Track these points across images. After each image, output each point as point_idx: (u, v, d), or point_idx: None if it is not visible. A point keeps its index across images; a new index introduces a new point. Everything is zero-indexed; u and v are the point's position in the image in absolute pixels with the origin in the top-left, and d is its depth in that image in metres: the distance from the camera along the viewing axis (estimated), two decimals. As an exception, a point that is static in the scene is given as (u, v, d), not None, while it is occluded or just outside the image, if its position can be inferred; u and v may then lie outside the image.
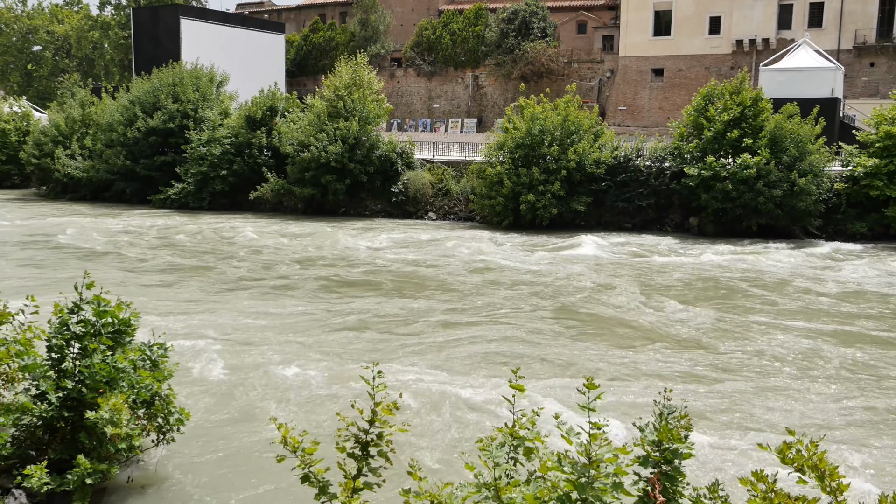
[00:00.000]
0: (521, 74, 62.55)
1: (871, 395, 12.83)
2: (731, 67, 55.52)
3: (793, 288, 21.91)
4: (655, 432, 4.14)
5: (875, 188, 31.06)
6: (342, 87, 39.99)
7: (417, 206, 38.30)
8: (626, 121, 59.83)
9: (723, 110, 32.62)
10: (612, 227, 33.89)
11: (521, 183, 33.57)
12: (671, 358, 14.73)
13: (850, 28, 52.93)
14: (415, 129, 67.98)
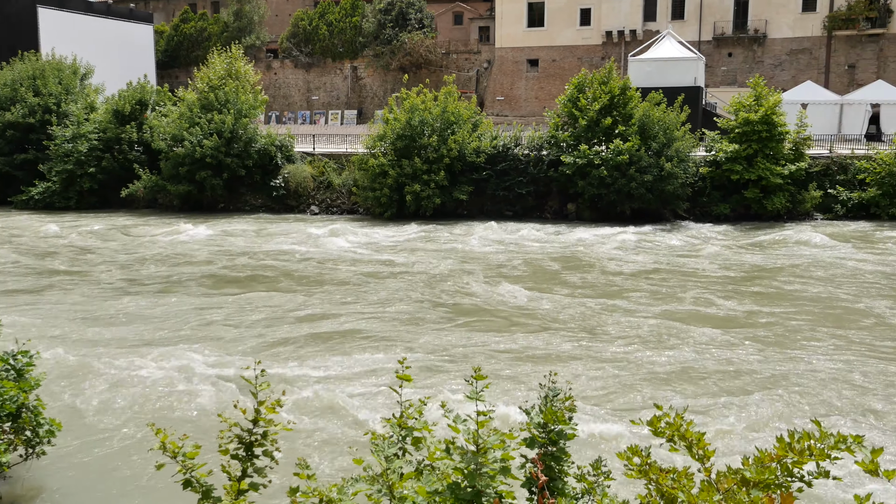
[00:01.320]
0: (400, 65, 62.56)
1: (727, 366, 13.62)
2: (602, 58, 57.41)
3: (659, 270, 22.95)
4: (541, 415, 4.23)
5: (735, 172, 32.92)
6: (216, 79, 38.78)
7: (299, 199, 37.69)
8: (504, 110, 60.90)
9: (593, 99, 33.73)
10: (494, 215, 34.46)
11: (404, 174, 33.62)
12: (553, 342, 15.14)
13: (709, 20, 55.78)
14: (294, 121, 66.80)
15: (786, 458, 3.39)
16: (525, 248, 27.00)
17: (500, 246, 27.33)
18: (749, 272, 22.53)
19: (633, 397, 12.04)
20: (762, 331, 16.03)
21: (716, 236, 29.54)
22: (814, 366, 13.70)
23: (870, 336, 15.75)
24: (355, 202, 36.53)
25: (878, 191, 32.76)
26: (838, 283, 20.95)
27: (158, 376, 12.45)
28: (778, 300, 18.94)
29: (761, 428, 10.58)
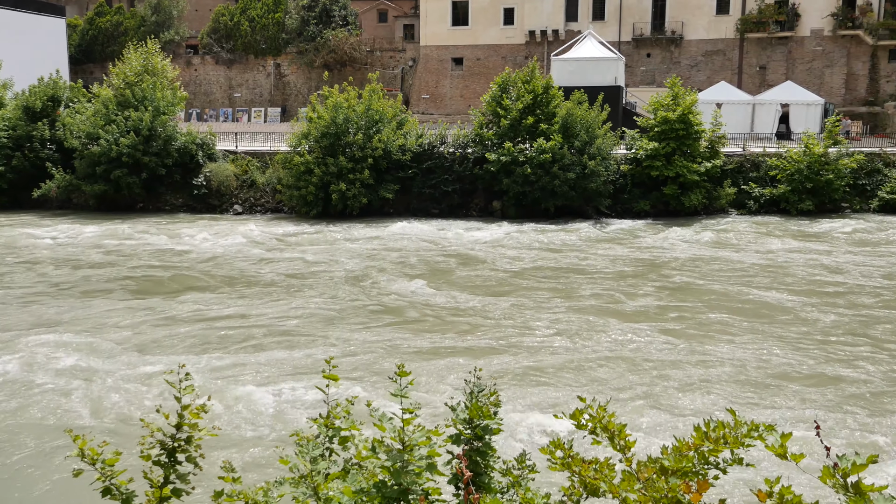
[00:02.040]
0: (325, 63, 61.96)
1: (645, 359, 14.02)
2: (526, 57, 58.08)
3: (580, 266, 23.41)
4: (466, 411, 4.28)
5: (655, 169, 33.84)
6: (132, 75, 37.65)
7: (221, 199, 36.93)
8: (429, 109, 61.00)
9: (516, 98, 34.13)
10: (421, 213, 34.52)
11: (329, 172, 33.35)
12: (478, 338, 15.28)
13: (628, 21, 57.07)
14: (215, 119, 65.38)
15: (702, 447, 3.52)
16: (449, 246, 27.13)
17: (424, 244, 27.40)
18: (664, 267, 23.18)
19: (557, 391, 12.26)
20: (676, 324, 16.54)
21: (636, 232, 30.29)
22: (727, 356, 14.21)
23: (778, 327, 16.43)
24: (280, 201, 36.03)
25: (787, 187, 34.15)
26: (744, 276, 21.77)
27: (77, 382, 12.05)
28: (689, 293, 19.56)
29: (680, 418, 10.94)
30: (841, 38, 52.83)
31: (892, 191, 34.63)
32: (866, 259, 24.35)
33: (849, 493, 2.92)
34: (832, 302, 18.70)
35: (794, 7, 53.62)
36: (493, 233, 29.76)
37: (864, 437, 10.75)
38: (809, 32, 53.52)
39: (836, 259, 24.32)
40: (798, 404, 11.87)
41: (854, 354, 14.55)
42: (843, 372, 13.54)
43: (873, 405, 11.97)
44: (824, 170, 33.76)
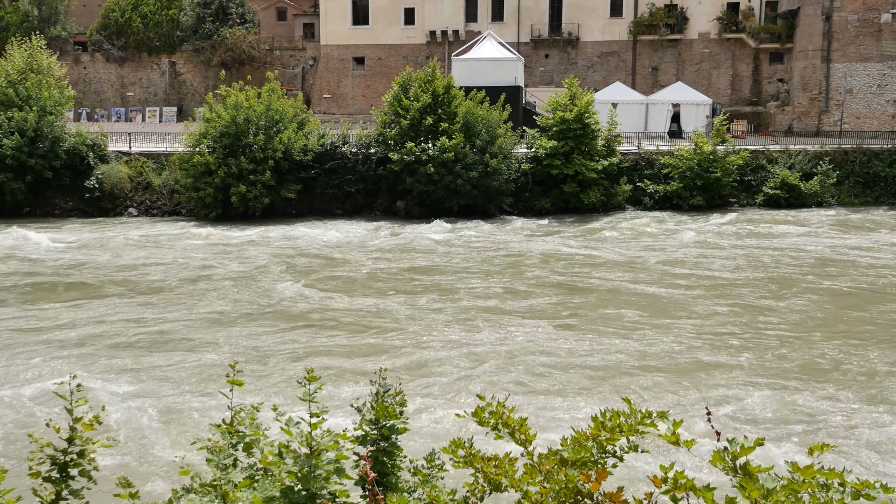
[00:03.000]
0: (222, 61, 60.47)
1: (542, 353, 14.37)
2: (427, 57, 58.26)
3: (483, 264, 23.73)
4: (372, 411, 4.28)
5: (555, 167, 34.61)
6: (15, 73, 35.76)
7: (115, 202, 35.52)
8: (331, 108, 60.44)
9: (415, 98, 34.24)
10: (324, 213, 34.17)
11: (230, 173, 32.60)
12: (383, 339, 15.27)
13: (527, 22, 58.10)
14: (107, 119, 62.78)
15: (600, 436, 3.64)
16: (349, 246, 26.98)
17: (325, 245, 27.14)
18: (566, 264, 23.76)
19: (461, 389, 12.40)
20: (571, 319, 16.99)
21: (535, 229, 30.88)
22: (621, 348, 14.71)
23: (669, 319, 17.10)
24: (178, 203, 34.96)
25: (679, 184, 35.56)
26: (633, 270, 22.56)
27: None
28: (581, 288, 20.12)
29: (579, 409, 11.25)
30: (726, 42, 55.34)
31: (776, 186, 36.54)
32: (750, 251, 25.62)
33: (738, 474, 3.08)
34: (718, 293, 19.60)
35: (682, 11, 55.81)
36: (394, 232, 29.77)
37: (752, 421, 11.32)
38: (697, 35, 55.85)
39: (722, 252, 25.47)
40: (691, 392, 12.40)
41: (741, 341, 15.29)
42: (730, 359, 14.21)
43: (761, 389, 12.62)
44: (713, 167, 35.30)
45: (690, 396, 12.07)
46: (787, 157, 38.15)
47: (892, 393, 12.52)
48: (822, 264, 23.52)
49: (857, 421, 11.34)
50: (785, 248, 26.23)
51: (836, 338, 15.63)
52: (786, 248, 26.23)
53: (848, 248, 26.33)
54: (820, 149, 38.93)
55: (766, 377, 13.25)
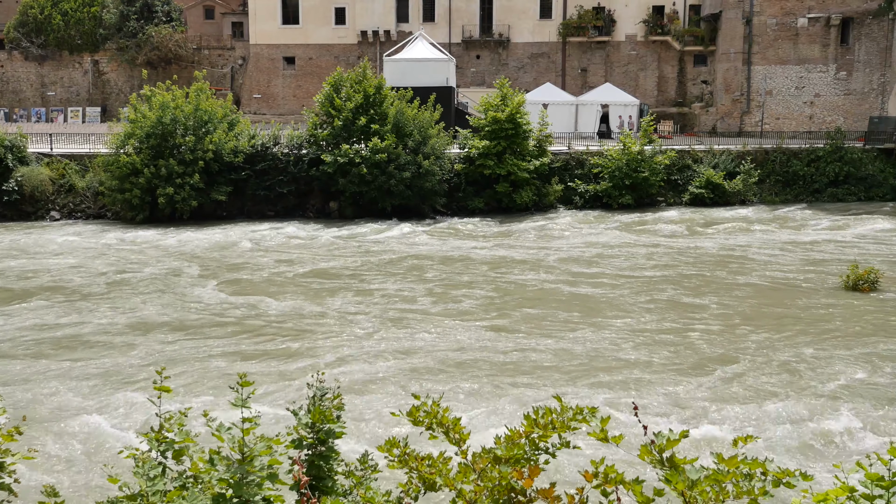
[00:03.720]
0: (148, 60, 58.99)
1: (474, 353, 14.49)
2: (358, 57, 57.98)
3: (412, 264, 23.78)
4: (309, 415, 4.25)
5: (487, 167, 34.88)
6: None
7: (36, 205, 34.27)
8: (261, 109, 59.59)
9: (347, 98, 34.06)
10: (255, 215, 33.69)
11: (158, 175, 31.82)
12: (318, 341, 15.15)
13: (458, 23, 58.37)
14: (27, 119, 60.52)
15: (533, 434, 3.69)
16: (279, 248, 26.68)
17: (255, 248, 26.76)
18: (496, 264, 23.97)
19: (395, 389, 12.40)
20: (500, 319, 17.15)
21: (468, 229, 31.04)
22: (550, 346, 14.92)
23: (596, 317, 17.43)
24: (103, 206, 33.95)
25: (609, 183, 36.25)
26: (564, 269, 22.95)
27: None
28: (513, 289, 20.35)
29: (511, 407, 11.38)
30: (652, 44, 56.66)
31: (701, 185, 37.59)
32: (673, 248, 26.31)
33: (665, 467, 3.17)
34: (643, 290, 20.06)
35: (609, 13, 56.90)
36: (326, 233, 29.54)
37: (679, 414, 11.63)
38: (624, 37, 57.02)
39: (647, 250, 26.09)
40: (621, 387, 12.67)
41: (667, 337, 15.70)
42: (657, 354, 14.58)
43: (687, 383, 12.97)
44: (641, 167, 36.09)
45: (620, 392, 12.33)
46: (711, 156, 39.28)
47: (810, 384, 13.03)
48: (741, 260, 24.30)
49: (779, 411, 11.76)
50: (704, 246, 27.00)
51: (756, 331, 16.17)
52: (705, 246, 27.00)
53: (765, 244, 27.27)
54: (742, 149, 40.21)
55: (692, 371, 13.63)
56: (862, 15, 49.76)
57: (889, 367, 13.84)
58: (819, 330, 16.39)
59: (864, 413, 11.53)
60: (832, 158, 39.94)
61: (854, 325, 16.81)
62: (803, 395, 12.44)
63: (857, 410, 11.60)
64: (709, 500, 3.04)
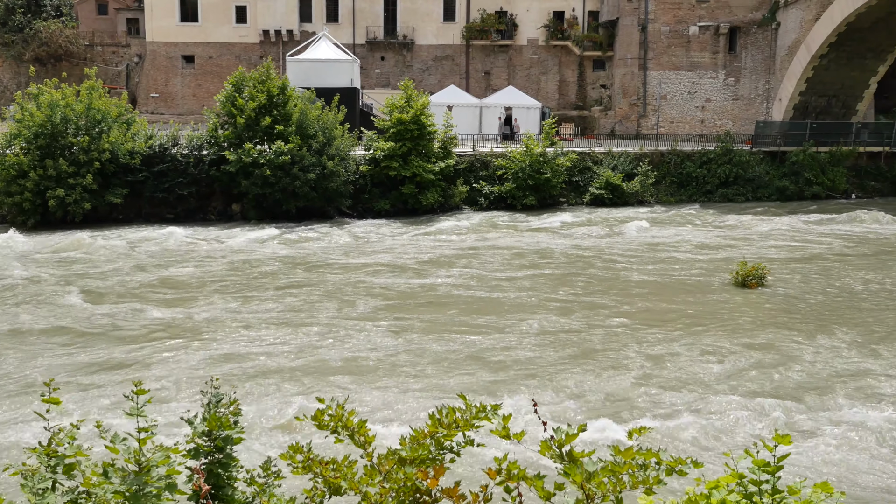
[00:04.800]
0: (36, 56, 56.20)
1: (377, 355, 14.49)
2: (261, 56, 56.93)
3: (316, 266, 23.56)
4: (205, 423, 4.15)
5: (393, 169, 34.86)
6: None
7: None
8: (159, 108, 57.72)
9: (250, 98, 33.42)
10: (154, 218, 32.58)
11: (47, 177, 30.35)
12: (212, 348, 14.79)
13: (362, 24, 58.11)
14: None
15: (437, 433, 3.72)
16: (172, 253, 25.91)
17: (146, 252, 25.88)
18: (400, 266, 24.00)
19: (298, 392, 12.24)
20: (403, 320, 17.19)
21: (372, 230, 30.89)
22: (452, 346, 15.05)
23: (494, 317, 17.69)
24: (-9, 210, 32.13)
25: (513, 184, 36.84)
26: (463, 270, 23.20)
27: None
28: (414, 291, 20.44)
29: (417, 408, 11.41)
30: (553, 48, 57.90)
31: (601, 186, 38.67)
32: (574, 247, 26.98)
33: (564, 461, 3.25)
34: (542, 288, 20.49)
35: (512, 18, 57.83)
36: (225, 235, 28.88)
37: (578, 408, 11.93)
38: (526, 42, 58.06)
39: (548, 249, 26.65)
40: (523, 384, 12.89)
41: (564, 334, 16.08)
42: (557, 351, 14.91)
43: (585, 378, 13.31)
44: (544, 168, 36.83)
45: (522, 389, 12.54)
46: (610, 158, 40.46)
47: (701, 376, 13.58)
48: (636, 259, 25.12)
49: (673, 402, 12.22)
50: (603, 246, 27.80)
51: (650, 328, 16.75)
52: (604, 246, 27.80)
53: (660, 243, 28.29)
54: (640, 151, 41.59)
55: (590, 367, 13.99)
56: (748, 24, 52.28)
57: (772, 358, 14.59)
58: (709, 325, 17.12)
59: (751, 402, 12.11)
60: (722, 160, 41.82)
61: (741, 320, 17.63)
62: (695, 386, 12.97)
63: (744, 400, 12.17)
64: (606, 491, 3.13)
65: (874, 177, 45.68)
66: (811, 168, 43.06)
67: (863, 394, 12.80)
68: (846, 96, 49.68)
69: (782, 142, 44.88)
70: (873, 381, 13.37)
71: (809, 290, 20.88)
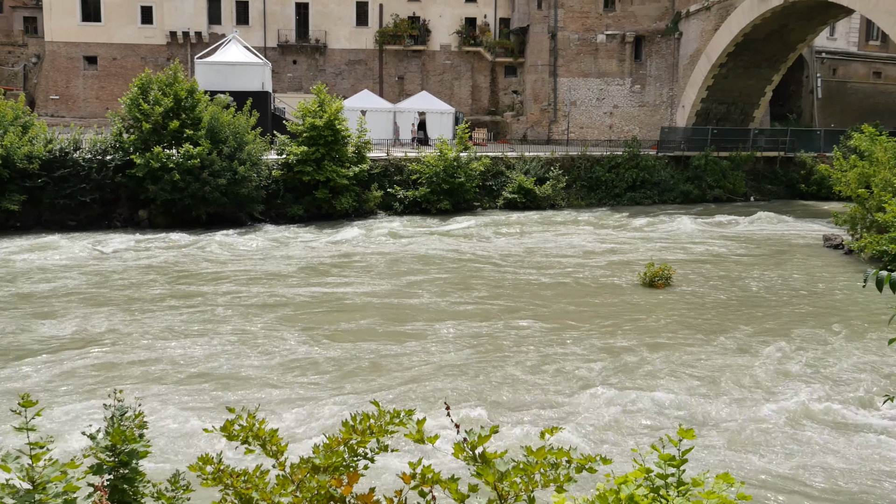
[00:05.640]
0: (-79, 55, 53.18)
1: (286, 361, 14.33)
2: (168, 58, 55.43)
3: (222, 273, 23.10)
4: (108, 437, 4.01)
5: (306, 174, 34.46)
6: None
7: None
8: (60, 111, 55.43)
9: (155, 102, 32.46)
10: (55, 226, 31.20)
11: (-67, 182, 28.74)
12: (111, 358, 14.30)
13: (273, 27, 57.27)
14: None
15: (351, 440, 3.69)
16: (72, 262, 24.94)
17: (40, 261, 24.77)
18: (309, 272, 23.76)
19: (212, 403, 11.95)
20: (313, 329, 17.02)
21: (285, 237, 30.42)
22: (363, 353, 15.00)
23: (404, 323, 17.72)
24: None
25: (427, 189, 36.98)
26: (366, 276, 23.18)
27: None
28: (320, 298, 20.31)
29: (331, 415, 11.30)
30: (466, 54, 58.44)
31: (514, 190, 39.25)
32: (480, 252, 27.30)
33: (477, 462, 3.28)
34: (451, 292, 20.64)
35: (424, 23, 58.08)
36: (130, 243, 27.96)
37: (490, 411, 12.06)
38: (439, 47, 58.41)
39: (460, 254, 26.87)
40: (435, 389, 12.93)
41: (473, 339, 16.24)
42: (466, 356, 15.03)
43: (496, 379, 13.47)
44: (458, 173, 37.11)
45: (436, 393, 12.58)
46: (523, 163, 41.10)
47: (608, 375, 13.93)
48: (548, 262, 25.60)
49: (583, 401, 12.48)
50: (515, 250, 28.21)
51: (561, 329, 17.08)
52: (516, 250, 28.22)
53: (571, 246, 28.91)
54: (551, 156, 42.42)
55: (502, 368, 14.14)
56: (652, 34, 54.02)
57: (678, 355, 15.10)
58: (618, 325, 17.58)
59: (658, 398, 12.49)
60: (630, 165, 43.08)
61: (649, 319, 18.19)
62: (604, 384, 13.28)
63: (652, 396, 12.54)
64: (519, 490, 3.17)
65: (770, 180, 47.95)
66: (713, 172, 44.83)
67: (760, 387, 13.38)
68: (744, 103, 51.94)
69: (686, 147, 46.56)
70: (769, 375, 14.00)
71: (712, 288, 21.71)
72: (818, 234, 31.62)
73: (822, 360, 15.00)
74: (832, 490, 9.62)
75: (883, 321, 17.10)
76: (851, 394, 13.00)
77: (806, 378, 13.94)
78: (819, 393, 12.89)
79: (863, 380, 13.82)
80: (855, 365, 14.70)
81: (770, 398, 12.76)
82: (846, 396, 12.87)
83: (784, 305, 20.05)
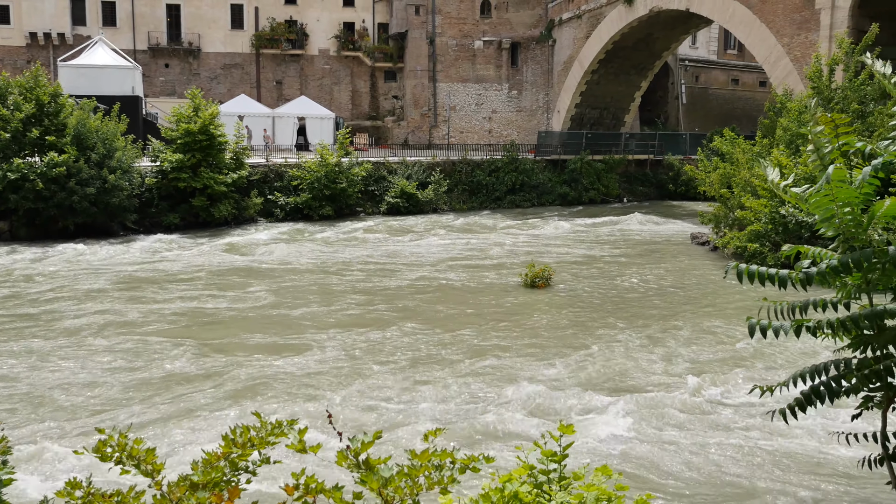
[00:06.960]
0: None
1: (161, 376, 13.87)
2: (28, 61, 52.34)
3: (102, 289, 22.12)
4: (-35, 466, 3.76)
5: (182, 181, 33.34)
6: None
7: None
8: None
9: (14, 108, 30.60)
10: None
11: None
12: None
13: (143, 29, 55.10)
14: None
15: (231, 454, 3.60)
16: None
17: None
18: (182, 284, 23.05)
19: (82, 424, 11.38)
20: (188, 343, 16.56)
21: (158, 247, 29.24)
22: (238, 365, 14.69)
23: (286, 333, 17.50)
24: None
25: (309, 195, 36.54)
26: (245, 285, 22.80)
27: None
28: (193, 311, 19.79)
29: (211, 429, 10.99)
30: (345, 59, 58.13)
31: (396, 195, 39.35)
32: (369, 257, 27.27)
33: (361, 469, 3.27)
34: (331, 301, 20.54)
35: (302, 27, 57.37)
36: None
37: (373, 417, 12.04)
38: (318, 52, 57.83)
39: (342, 261, 26.73)
40: (316, 397, 12.80)
41: (354, 345, 16.20)
42: (346, 362, 14.97)
43: (378, 386, 13.47)
44: (339, 178, 36.86)
45: (318, 402, 12.43)
46: (404, 168, 41.28)
47: (490, 375, 14.18)
48: (429, 265, 25.84)
49: (465, 401, 12.65)
50: (399, 254, 28.32)
51: (443, 331, 17.26)
52: (400, 254, 28.33)
53: (450, 249, 29.29)
54: (432, 160, 42.81)
55: (384, 373, 14.15)
56: (528, 40, 55.47)
57: (558, 352, 15.55)
58: (502, 325, 17.93)
59: (540, 396, 12.81)
60: (509, 169, 44.09)
61: (532, 318, 18.65)
62: (487, 384, 13.51)
63: (533, 394, 12.85)
64: (404, 495, 3.19)
65: (642, 182, 50.22)
66: (588, 175, 46.49)
67: (633, 380, 13.97)
68: (616, 108, 54.15)
69: (562, 151, 48.08)
70: (641, 369, 14.64)
71: (590, 287, 22.49)
72: (686, 233, 33.34)
73: (692, 347, 15.86)
74: (709, 474, 10.15)
75: (744, 307, 18.23)
76: (719, 376, 13.81)
77: (680, 364, 14.68)
78: (692, 378, 13.58)
79: (727, 361, 14.74)
80: (722, 349, 15.65)
81: (641, 389, 13.33)
82: (715, 379, 13.65)
83: (656, 298, 21.04)
